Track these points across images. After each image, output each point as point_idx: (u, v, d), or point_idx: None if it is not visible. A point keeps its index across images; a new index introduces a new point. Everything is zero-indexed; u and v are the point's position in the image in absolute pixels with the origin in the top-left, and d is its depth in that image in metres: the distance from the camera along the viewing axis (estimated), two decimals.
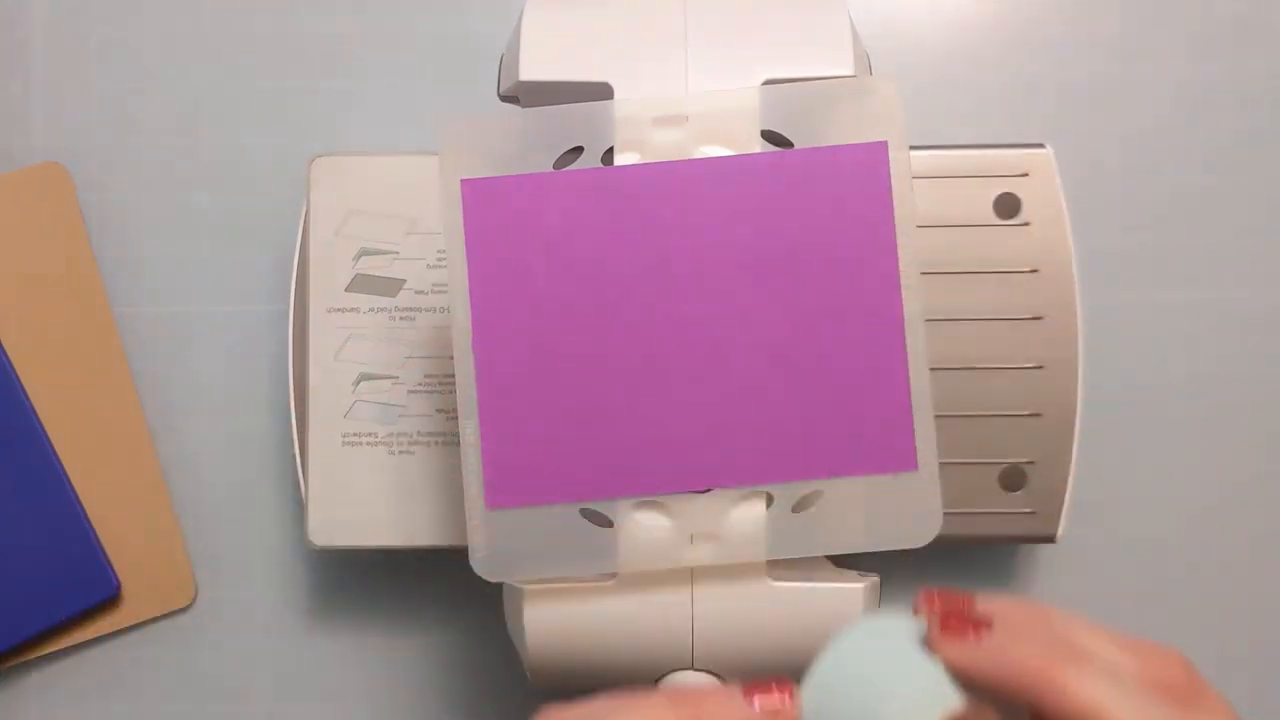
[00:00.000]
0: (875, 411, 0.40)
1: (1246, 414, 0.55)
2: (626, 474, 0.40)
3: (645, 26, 0.42)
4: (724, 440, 0.40)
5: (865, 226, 0.40)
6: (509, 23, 0.43)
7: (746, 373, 0.40)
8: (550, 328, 0.40)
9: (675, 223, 0.40)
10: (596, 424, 0.40)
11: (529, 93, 0.42)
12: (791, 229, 0.40)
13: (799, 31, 0.42)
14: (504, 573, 0.40)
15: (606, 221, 0.40)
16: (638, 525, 0.40)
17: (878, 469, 0.40)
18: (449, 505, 0.49)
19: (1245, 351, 0.56)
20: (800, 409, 0.40)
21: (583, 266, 0.40)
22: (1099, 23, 0.58)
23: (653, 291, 0.40)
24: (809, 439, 0.40)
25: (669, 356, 0.40)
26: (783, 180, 0.40)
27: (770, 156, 0.40)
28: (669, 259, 0.40)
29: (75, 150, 0.57)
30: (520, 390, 0.40)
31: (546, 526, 0.40)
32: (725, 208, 0.40)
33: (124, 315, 0.56)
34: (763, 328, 0.40)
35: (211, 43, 0.58)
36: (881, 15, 0.58)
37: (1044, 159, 0.50)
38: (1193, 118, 0.57)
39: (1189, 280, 0.56)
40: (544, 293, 0.40)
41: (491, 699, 0.55)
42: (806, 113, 0.40)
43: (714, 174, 0.40)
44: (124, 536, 0.55)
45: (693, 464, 0.40)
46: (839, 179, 0.40)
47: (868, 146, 0.39)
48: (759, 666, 0.42)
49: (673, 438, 0.40)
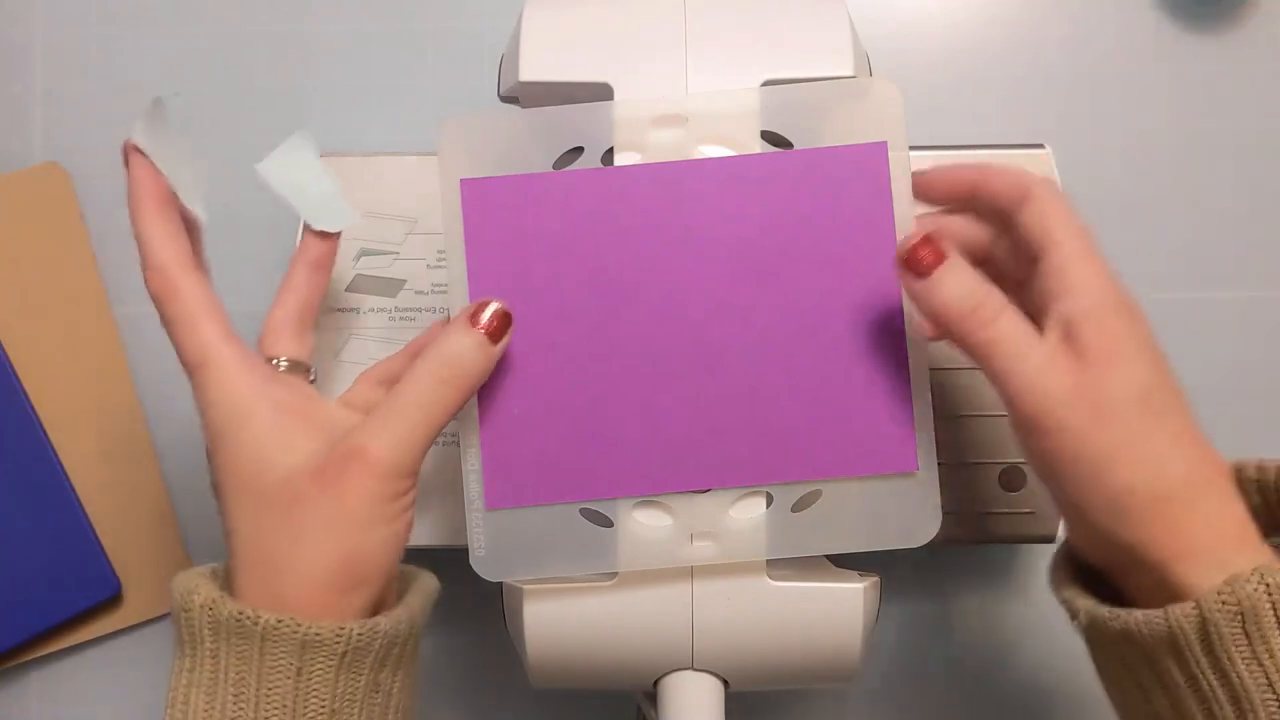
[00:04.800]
0: (875, 412, 0.40)
1: (1246, 413, 0.55)
2: (626, 473, 0.40)
3: (645, 26, 0.42)
4: (724, 440, 0.40)
5: (865, 227, 0.39)
6: (509, 23, 0.43)
7: (746, 373, 0.40)
8: (550, 327, 0.40)
9: (675, 222, 0.40)
10: (596, 423, 0.40)
11: (529, 93, 0.42)
12: (791, 229, 0.40)
13: (799, 32, 0.42)
14: (503, 572, 0.40)
15: (606, 221, 0.40)
16: (638, 525, 0.40)
17: (878, 469, 0.40)
18: (448, 505, 0.49)
19: (1245, 351, 0.56)
20: (800, 409, 0.40)
21: (583, 266, 0.40)
22: (1098, 23, 0.58)
23: (653, 291, 0.40)
24: (809, 439, 0.40)
25: (669, 355, 0.40)
26: (783, 181, 0.39)
27: (770, 157, 0.40)
28: (669, 259, 0.40)
29: (75, 150, 0.58)
30: (520, 390, 0.40)
31: (546, 526, 0.40)
32: (725, 208, 0.39)
33: (124, 315, 0.56)
34: (762, 327, 0.40)
35: (211, 43, 0.58)
36: (882, 15, 0.58)
37: (1044, 159, 0.50)
38: (1193, 118, 0.57)
39: (1189, 280, 0.56)
40: (544, 292, 0.40)
41: (492, 699, 0.55)
42: (806, 113, 0.40)
43: (714, 174, 0.39)
44: (124, 536, 0.55)
45: (693, 463, 0.40)
46: (839, 179, 0.39)
47: (868, 147, 0.39)
48: (759, 666, 0.42)
49: (673, 437, 0.40)
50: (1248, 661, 0.32)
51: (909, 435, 0.40)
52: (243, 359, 0.37)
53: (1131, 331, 0.36)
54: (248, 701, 0.35)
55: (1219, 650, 0.32)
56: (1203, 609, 0.32)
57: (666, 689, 0.42)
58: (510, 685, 0.54)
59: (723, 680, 0.42)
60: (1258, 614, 0.32)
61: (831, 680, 0.43)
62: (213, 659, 0.35)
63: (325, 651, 0.35)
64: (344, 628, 0.35)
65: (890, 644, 0.55)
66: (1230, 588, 0.32)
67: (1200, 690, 0.33)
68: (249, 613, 0.34)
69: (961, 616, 0.55)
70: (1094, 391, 0.35)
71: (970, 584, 0.42)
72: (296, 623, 0.34)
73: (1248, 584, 0.32)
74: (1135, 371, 0.35)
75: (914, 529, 0.40)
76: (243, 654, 0.35)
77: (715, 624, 0.41)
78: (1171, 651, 0.33)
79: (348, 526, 0.36)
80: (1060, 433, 0.35)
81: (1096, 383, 0.35)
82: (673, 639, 0.41)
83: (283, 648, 0.35)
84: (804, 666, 0.42)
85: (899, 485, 0.40)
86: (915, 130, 0.40)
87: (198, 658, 0.35)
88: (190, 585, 0.35)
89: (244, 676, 0.35)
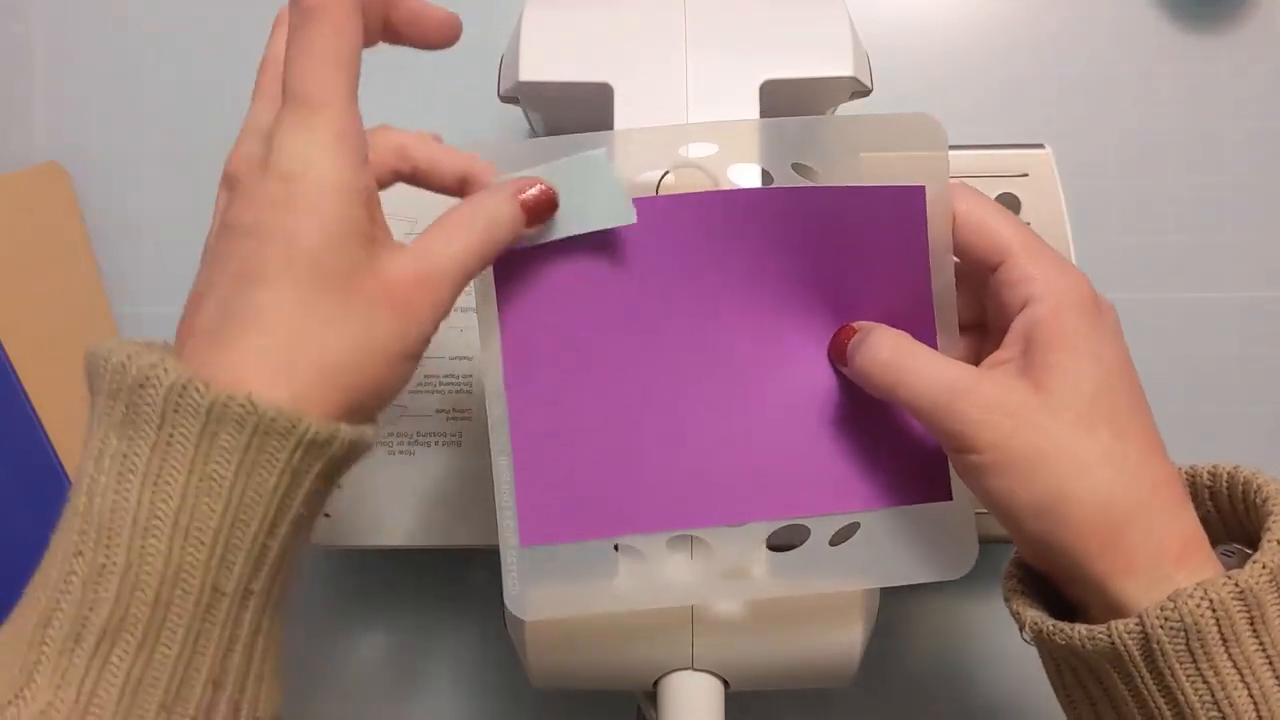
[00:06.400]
0: (910, 443, 0.39)
1: (1246, 412, 0.55)
2: (660, 508, 0.39)
3: (645, 26, 0.42)
4: (759, 473, 0.39)
5: (900, 265, 0.38)
6: (509, 23, 0.43)
7: (780, 406, 0.39)
8: (583, 361, 0.38)
9: (708, 253, 0.38)
10: (630, 458, 0.39)
11: (529, 93, 0.42)
12: (827, 264, 0.38)
13: (799, 31, 0.42)
14: (539, 610, 0.39)
15: (637, 252, 0.38)
16: (672, 560, 0.39)
17: (915, 499, 0.39)
18: (448, 505, 0.49)
19: (1245, 350, 0.56)
20: (835, 441, 0.39)
21: (613, 298, 0.38)
22: (1098, 23, 0.58)
23: (685, 324, 0.39)
24: (845, 471, 0.39)
25: (702, 389, 0.39)
26: (818, 217, 0.38)
27: (805, 193, 0.38)
28: (701, 290, 0.38)
29: (75, 150, 0.57)
30: (552, 426, 0.38)
31: (580, 563, 0.39)
32: (759, 241, 0.38)
33: (124, 315, 0.56)
34: (796, 361, 0.39)
35: (212, 43, 0.58)
36: (882, 15, 0.58)
37: (1044, 159, 0.50)
38: (1193, 118, 0.57)
39: (1189, 280, 0.56)
40: (576, 325, 0.38)
41: (492, 699, 0.55)
42: (840, 146, 0.38)
43: (747, 207, 0.38)
44: None
45: (727, 497, 0.39)
46: (875, 219, 0.38)
47: (906, 190, 0.37)
48: (759, 666, 0.42)
49: (706, 471, 0.39)
50: (1192, 679, 0.32)
51: (944, 465, 0.39)
52: (359, 126, 0.33)
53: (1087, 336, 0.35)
54: (216, 496, 0.30)
55: (1163, 667, 0.32)
56: (1145, 625, 0.32)
57: (666, 689, 0.42)
58: (510, 685, 0.54)
59: (723, 680, 0.42)
60: (1201, 630, 0.31)
61: (831, 680, 0.43)
62: (167, 446, 0.30)
63: (317, 455, 0.31)
64: (338, 431, 0.31)
65: (890, 644, 0.55)
66: (1173, 604, 0.32)
67: (1146, 706, 0.33)
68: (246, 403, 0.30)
69: (961, 615, 0.55)
70: (1033, 401, 0.34)
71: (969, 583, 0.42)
72: (300, 419, 0.30)
73: (1190, 599, 0.31)
74: (1081, 379, 0.34)
75: (952, 560, 0.39)
76: (225, 444, 0.30)
77: (715, 624, 0.41)
78: (1116, 667, 0.33)
79: (398, 353, 0.33)
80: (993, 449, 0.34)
81: (1037, 393, 0.34)
82: (673, 639, 0.41)
83: (279, 443, 0.30)
84: (804, 666, 0.42)
85: (936, 515, 0.39)
86: None
87: (142, 443, 0.30)
88: (150, 359, 0.30)
89: (219, 470, 0.30)
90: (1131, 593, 0.33)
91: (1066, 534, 0.34)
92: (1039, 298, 0.35)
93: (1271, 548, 0.32)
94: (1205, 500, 0.36)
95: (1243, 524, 0.36)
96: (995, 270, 0.37)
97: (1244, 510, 0.35)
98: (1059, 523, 0.34)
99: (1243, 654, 0.32)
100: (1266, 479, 0.35)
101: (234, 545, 0.31)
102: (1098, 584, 0.34)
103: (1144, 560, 0.33)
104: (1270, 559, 0.32)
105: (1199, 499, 0.36)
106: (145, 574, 0.30)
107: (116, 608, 0.30)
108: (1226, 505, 0.36)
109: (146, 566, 0.30)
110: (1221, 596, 0.31)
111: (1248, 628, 0.32)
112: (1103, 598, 0.34)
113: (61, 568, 0.31)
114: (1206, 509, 0.36)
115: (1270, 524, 0.33)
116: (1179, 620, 0.32)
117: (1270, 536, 0.33)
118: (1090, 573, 0.34)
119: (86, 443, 0.31)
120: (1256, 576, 0.32)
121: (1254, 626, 0.32)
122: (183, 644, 0.30)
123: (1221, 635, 0.32)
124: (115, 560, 0.30)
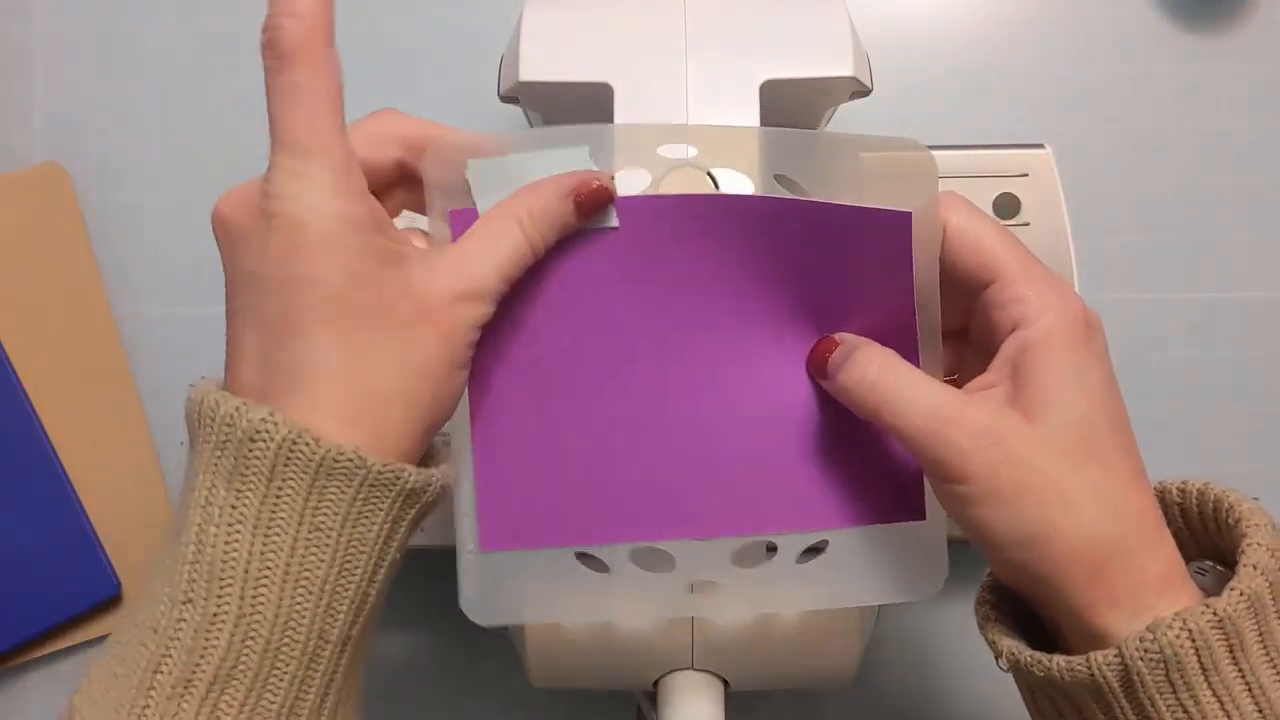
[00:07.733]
0: (886, 461, 0.38)
1: (1245, 412, 0.55)
2: (624, 519, 0.38)
3: (645, 27, 0.42)
4: (728, 487, 0.38)
5: (883, 286, 0.37)
6: (509, 23, 0.43)
7: (753, 419, 0.38)
8: (548, 366, 0.37)
9: (683, 259, 0.37)
10: (594, 467, 0.37)
11: (529, 93, 0.42)
12: (808, 278, 0.37)
13: (799, 31, 0.42)
14: (494, 616, 0.38)
15: (610, 254, 0.36)
16: (635, 572, 0.38)
17: (887, 518, 0.38)
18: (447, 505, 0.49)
19: (1245, 350, 0.56)
20: (808, 457, 0.38)
21: (585, 301, 0.37)
22: (1097, 23, 0.58)
23: (655, 333, 0.37)
24: (816, 488, 0.38)
25: (671, 399, 0.37)
26: (799, 231, 0.37)
27: (791, 204, 0.36)
28: (675, 297, 0.37)
29: (75, 150, 0.57)
30: (516, 429, 0.37)
31: (540, 571, 0.37)
32: (735, 252, 0.37)
33: (124, 315, 0.56)
34: (771, 373, 0.38)
35: (212, 43, 0.58)
36: (881, 15, 0.58)
37: (1044, 159, 0.50)
38: (1192, 118, 0.57)
39: (1189, 280, 0.56)
40: (540, 328, 0.37)
41: (492, 699, 0.55)
42: (827, 160, 0.37)
43: (725, 215, 0.36)
44: (124, 536, 0.55)
45: (693, 511, 0.38)
46: (859, 240, 0.37)
47: (893, 214, 0.36)
48: (759, 666, 0.42)
49: (673, 483, 0.38)
50: (1173, 709, 0.32)
51: (919, 485, 0.38)
52: (355, 160, 0.33)
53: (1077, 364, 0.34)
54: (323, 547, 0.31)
55: (1143, 698, 0.32)
56: (1125, 657, 0.32)
57: (666, 689, 0.42)
58: (510, 685, 0.54)
59: (723, 680, 0.42)
60: (1180, 661, 0.31)
61: (831, 680, 0.43)
62: (277, 499, 0.31)
63: (413, 502, 0.33)
64: (432, 478, 0.33)
65: (890, 644, 0.55)
66: (1152, 634, 0.31)
67: None
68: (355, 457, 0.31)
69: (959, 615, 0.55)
70: (1021, 431, 0.33)
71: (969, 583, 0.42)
72: (403, 471, 0.32)
73: (1169, 630, 0.31)
74: (1070, 410, 0.34)
75: (921, 580, 0.38)
76: (334, 496, 0.31)
77: (715, 624, 0.41)
78: (1095, 699, 0.33)
79: (447, 368, 0.33)
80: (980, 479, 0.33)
81: (1027, 423, 0.34)
82: (673, 639, 0.41)
83: (382, 494, 0.32)
84: (804, 666, 0.42)
85: (908, 535, 0.38)
86: (916, 131, 0.40)
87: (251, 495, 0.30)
88: (260, 414, 0.30)
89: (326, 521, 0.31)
90: (1111, 623, 0.33)
91: (1049, 566, 0.33)
92: (1030, 321, 0.34)
93: (1248, 573, 0.32)
94: (1176, 517, 0.36)
95: (1214, 541, 0.35)
96: (985, 289, 0.36)
97: (1215, 528, 0.35)
98: (1042, 555, 0.33)
99: (1223, 683, 0.32)
100: (1238, 497, 0.35)
101: (339, 594, 0.32)
102: (1078, 614, 0.33)
103: (1125, 591, 0.33)
104: (1247, 585, 0.32)
105: (1169, 515, 0.36)
106: (256, 623, 0.30)
107: (228, 656, 0.30)
108: (1197, 522, 0.35)
109: (257, 616, 0.30)
110: (1200, 626, 0.31)
111: (1227, 656, 0.31)
112: (1081, 626, 0.33)
113: (170, 614, 0.31)
114: (1177, 525, 0.36)
115: (1245, 546, 0.33)
116: (1158, 651, 0.31)
117: (1246, 561, 0.32)
118: (1071, 604, 0.33)
119: (189, 489, 0.32)
120: (1234, 604, 0.31)
121: (1233, 655, 0.32)
122: (287, 691, 0.31)
123: (1201, 665, 0.31)
124: (227, 609, 0.30)
